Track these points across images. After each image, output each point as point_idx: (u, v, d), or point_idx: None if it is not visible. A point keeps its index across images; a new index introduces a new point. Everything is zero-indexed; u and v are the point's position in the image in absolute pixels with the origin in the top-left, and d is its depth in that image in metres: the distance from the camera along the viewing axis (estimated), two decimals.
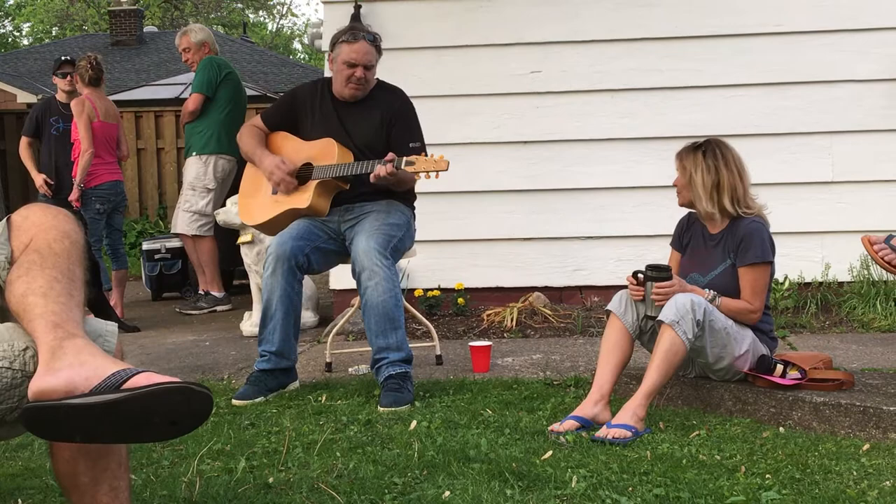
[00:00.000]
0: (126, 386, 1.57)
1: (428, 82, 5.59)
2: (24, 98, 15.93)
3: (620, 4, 5.59)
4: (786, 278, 5.32)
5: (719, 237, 3.39)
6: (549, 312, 5.27)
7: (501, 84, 5.64)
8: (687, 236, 3.53)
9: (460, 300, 5.47)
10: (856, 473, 2.61)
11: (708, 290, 3.26)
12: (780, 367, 3.26)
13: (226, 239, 6.26)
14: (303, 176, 3.94)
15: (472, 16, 5.65)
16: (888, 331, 4.85)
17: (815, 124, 5.49)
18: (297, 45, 39.22)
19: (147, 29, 24.62)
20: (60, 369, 1.58)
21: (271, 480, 2.61)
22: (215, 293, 6.45)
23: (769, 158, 5.44)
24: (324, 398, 3.66)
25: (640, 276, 3.25)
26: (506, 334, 5.02)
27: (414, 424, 3.17)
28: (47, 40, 31.46)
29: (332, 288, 5.72)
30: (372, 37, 3.92)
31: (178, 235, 6.62)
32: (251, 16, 36.97)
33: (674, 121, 5.45)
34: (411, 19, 5.67)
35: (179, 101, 9.99)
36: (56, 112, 6.61)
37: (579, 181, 5.62)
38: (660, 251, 3.65)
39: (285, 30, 39.94)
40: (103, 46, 21.95)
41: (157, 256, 7.30)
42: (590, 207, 5.61)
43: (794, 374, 3.25)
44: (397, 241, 3.81)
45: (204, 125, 6.29)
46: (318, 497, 2.47)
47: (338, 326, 4.63)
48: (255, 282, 5.40)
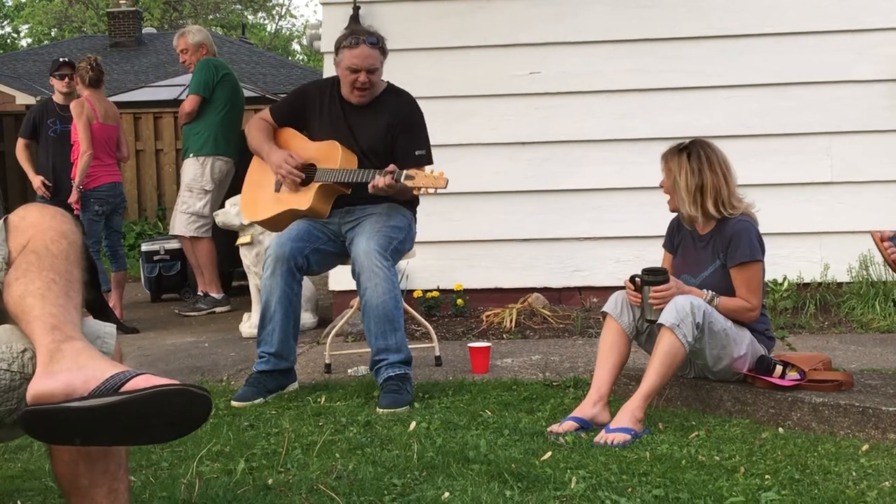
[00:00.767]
0: (125, 388, 1.57)
1: (427, 83, 5.59)
2: (23, 100, 15.93)
3: (618, 5, 5.59)
4: (785, 279, 5.33)
5: (708, 238, 3.38)
6: (548, 313, 5.27)
7: (500, 85, 5.64)
8: (678, 237, 3.52)
9: (459, 301, 5.47)
10: (855, 474, 2.61)
11: (706, 291, 3.26)
12: (780, 368, 3.26)
13: (224, 240, 6.25)
14: (305, 177, 3.93)
15: (470, 17, 5.66)
16: (887, 331, 4.85)
17: (814, 125, 5.49)
18: (296, 47, 39.23)
19: (146, 30, 24.63)
20: (59, 372, 1.58)
21: (270, 482, 2.61)
22: (214, 294, 6.45)
23: (768, 159, 5.44)
24: (323, 399, 3.66)
25: (638, 281, 3.25)
26: (505, 335, 5.02)
27: (413, 425, 3.17)
28: (46, 42, 31.46)
29: (331, 289, 5.72)
30: (374, 39, 3.88)
31: (176, 237, 6.62)
32: (250, 17, 36.99)
33: (672, 121, 5.45)
34: (410, 20, 5.67)
35: (178, 103, 9.95)
36: (53, 114, 6.60)
37: (578, 182, 5.62)
38: (658, 252, 3.65)
39: (284, 31, 39.97)
40: (102, 48, 21.95)
41: (155, 258, 7.30)
42: (588, 208, 5.61)
43: (793, 374, 3.25)
44: (398, 244, 3.81)
45: (201, 127, 6.29)
46: (318, 498, 2.47)
47: (337, 328, 4.63)
48: (254, 283, 5.40)
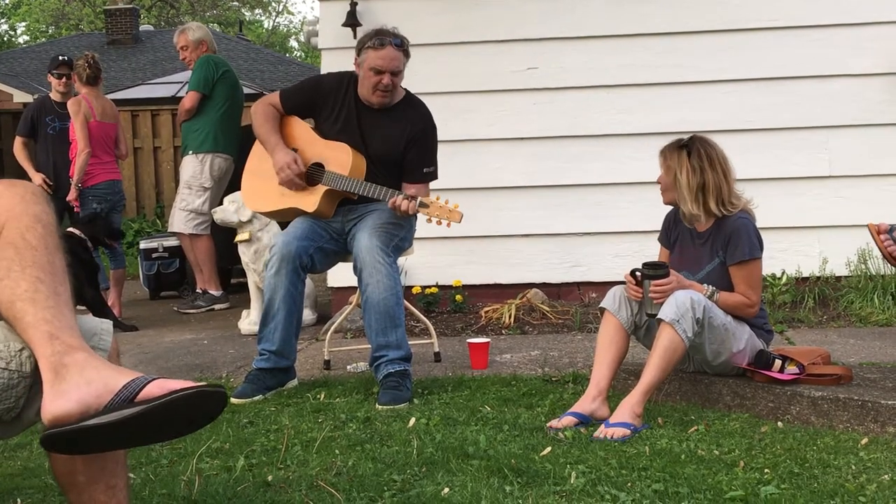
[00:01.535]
0: (140, 398, 1.57)
1: (424, 79, 5.56)
2: (21, 98, 15.89)
3: (615, 1, 5.59)
4: (783, 273, 5.33)
5: (707, 235, 3.37)
6: (547, 309, 5.27)
7: (498, 81, 5.64)
8: (674, 233, 3.52)
9: (458, 297, 5.47)
10: (854, 467, 2.61)
11: (706, 286, 3.26)
12: (779, 362, 3.26)
13: (223, 237, 6.25)
14: (313, 176, 3.87)
15: (468, 13, 5.65)
16: (886, 325, 4.85)
17: (812, 119, 5.49)
18: (293, 43, 39.19)
19: (143, 28, 24.58)
20: (69, 391, 1.58)
21: (270, 478, 2.61)
22: (213, 292, 6.45)
23: (766, 153, 5.44)
24: (322, 396, 3.66)
25: (638, 275, 3.25)
26: (504, 331, 5.03)
27: (413, 421, 3.17)
28: (43, 39, 31.41)
29: (330, 286, 5.72)
30: (399, 41, 3.82)
31: (175, 234, 6.62)
32: (247, 14, 36.93)
33: (670, 116, 5.44)
34: (407, 16, 5.65)
35: (176, 100, 9.95)
36: (51, 111, 6.60)
37: (576, 177, 5.62)
38: (657, 246, 3.65)
39: (281, 28, 39.92)
40: (99, 45, 21.91)
41: (154, 255, 7.30)
42: (587, 203, 5.61)
43: (792, 368, 3.26)
44: (399, 240, 3.81)
45: (200, 123, 6.28)
46: (318, 495, 2.47)
47: (336, 324, 4.63)
48: (252, 280, 5.40)
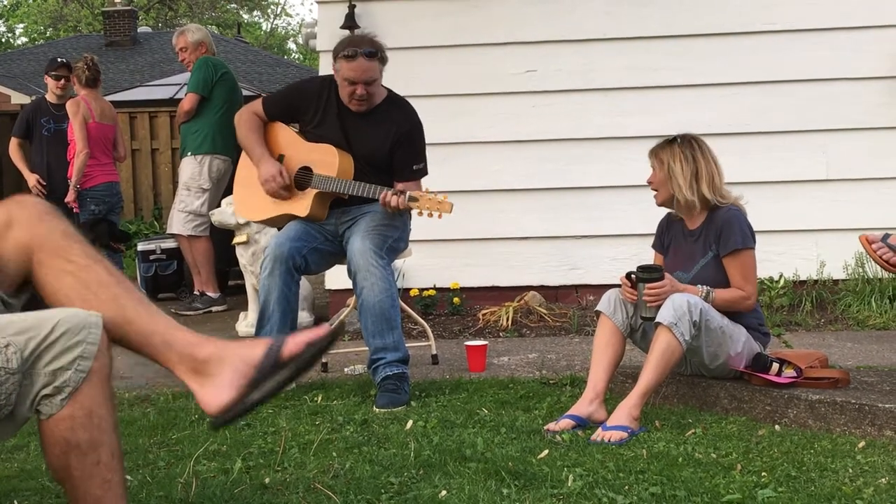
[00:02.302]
0: (285, 357, 1.84)
1: (423, 82, 5.59)
2: (19, 99, 15.88)
3: (614, 3, 5.59)
4: (781, 276, 5.33)
5: (699, 231, 3.40)
6: (545, 311, 5.27)
7: (496, 83, 5.64)
8: (667, 237, 3.54)
9: (456, 300, 5.47)
10: (851, 471, 2.61)
11: (701, 287, 3.27)
12: (776, 366, 3.26)
13: (221, 239, 6.25)
14: (301, 180, 3.88)
15: (466, 15, 5.65)
16: (883, 328, 4.86)
17: (811, 122, 5.50)
18: (291, 46, 39.18)
19: (141, 29, 24.57)
20: (220, 384, 1.84)
21: (268, 481, 2.60)
22: (211, 294, 6.44)
23: (764, 156, 5.45)
24: (320, 398, 3.66)
25: (633, 278, 3.25)
26: (501, 333, 5.03)
27: (410, 424, 3.17)
28: (41, 41, 31.40)
29: (327, 288, 5.72)
30: (373, 50, 3.79)
31: (173, 236, 6.61)
32: (245, 16, 36.92)
33: (668, 119, 5.43)
34: (406, 19, 5.67)
35: (174, 102, 9.96)
36: (47, 113, 6.59)
37: (574, 180, 5.62)
38: (653, 253, 3.65)
39: (280, 30, 39.92)
40: (97, 47, 21.90)
41: (152, 257, 7.28)
42: (585, 206, 5.62)
43: (789, 372, 3.26)
44: (393, 242, 3.80)
45: (199, 125, 6.28)
46: (315, 497, 2.47)
47: (333, 326, 4.62)
48: (250, 282, 5.39)
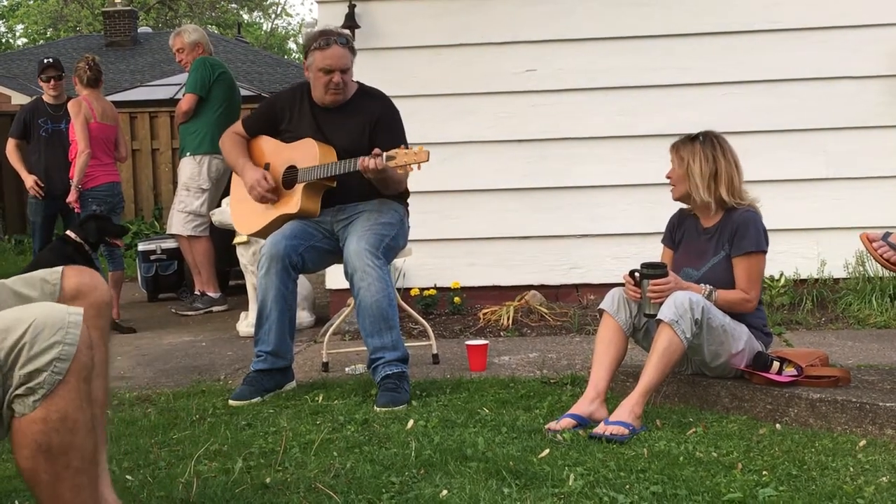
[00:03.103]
0: None
1: (423, 81, 5.59)
2: (19, 100, 15.87)
3: (614, 2, 5.59)
4: (781, 275, 5.33)
5: (714, 230, 3.39)
6: (546, 311, 5.27)
7: (497, 83, 5.64)
8: (679, 232, 3.52)
9: (457, 299, 5.47)
10: (852, 469, 2.61)
11: (704, 286, 3.26)
12: (777, 364, 3.26)
13: (221, 239, 6.25)
14: (288, 179, 3.91)
15: (466, 15, 5.65)
16: (884, 327, 4.85)
17: (811, 121, 5.49)
18: (291, 45, 39.19)
19: (141, 30, 24.57)
20: None
21: (268, 481, 2.60)
22: (211, 294, 6.45)
23: (764, 156, 5.44)
24: (320, 398, 3.66)
25: (637, 275, 3.25)
26: (502, 333, 5.02)
27: (411, 423, 3.17)
28: (41, 41, 31.40)
29: (328, 287, 5.71)
30: (344, 39, 3.87)
31: (173, 236, 6.62)
32: (245, 16, 36.94)
33: (669, 118, 5.44)
34: (406, 18, 5.67)
35: (174, 102, 9.96)
36: (44, 113, 6.59)
37: (575, 179, 5.62)
38: (656, 248, 3.65)
39: (280, 30, 39.93)
40: (98, 47, 21.90)
41: (152, 257, 7.29)
42: (586, 205, 5.61)
43: (790, 371, 3.26)
44: (390, 240, 3.80)
45: (198, 125, 6.28)
46: (316, 497, 2.47)
47: (334, 326, 4.63)
48: (251, 282, 5.39)
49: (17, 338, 1.72)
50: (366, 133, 3.86)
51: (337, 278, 5.30)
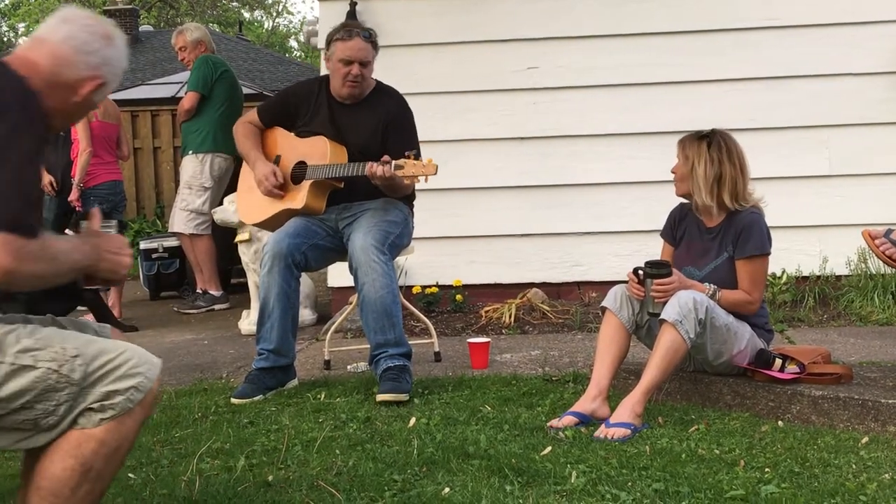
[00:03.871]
0: None
1: (424, 79, 5.59)
2: None
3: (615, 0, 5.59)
4: (783, 272, 5.33)
5: (717, 230, 3.37)
6: (548, 308, 5.27)
7: (498, 80, 5.64)
8: (681, 228, 3.50)
9: (458, 297, 5.47)
10: (855, 466, 2.61)
11: (708, 285, 3.26)
12: (779, 362, 3.26)
13: (223, 237, 6.25)
14: (297, 175, 3.92)
15: (467, 12, 5.65)
16: (886, 324, 4.85)
17: (813, 118, 5.48)
18: (293, 44, 39.16)
19: (142, 28, 24.56)
20: None
21: (271, 478, 2.61)
22: (213, 292, 6.45)
23: (767, 152, 5.42)
24: (323, 396, 3.66)
25: (640, 274, 3.24)
26: (504, 331, 5.02)
27: (413, 421, 3.17)
28: None
29: (330, 285, 5.72)
30: (367, 33, 3.89)
31: (175, 234, 6.62)
32: (247, 14, 36.92)
33: (671, 116, 5.44)
34: (408, 16, 5.67)
35: (176, 100, 9.96)
36: None
37: (577, 177, 5.61)
38: (658, 246, 3.63)
39: (281, 28, 39.90)
40: None
41: (154, 256, 7.29)
42: (587, 203, 5.61)
43: (792, 368, 3.26)
44: (395, 238, 3.80)
45: (200, 124, 6.29)
46: (318, 494, 2.47)
47: (336, 324, 4.63)
48: (252, 280, 5.39)
49: (108, 358, 1.82)
50: (379, 132, 3.88)
51: (339, 276, 5.31)
